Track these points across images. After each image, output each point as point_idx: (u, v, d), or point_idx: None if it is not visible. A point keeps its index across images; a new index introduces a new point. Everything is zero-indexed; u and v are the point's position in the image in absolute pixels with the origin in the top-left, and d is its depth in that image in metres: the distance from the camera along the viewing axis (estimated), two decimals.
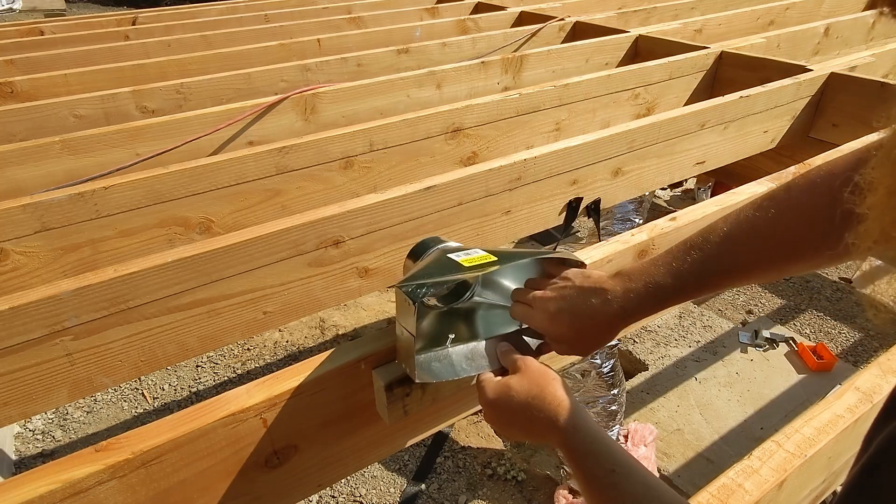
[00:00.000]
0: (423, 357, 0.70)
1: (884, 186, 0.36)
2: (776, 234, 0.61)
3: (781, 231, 0.61)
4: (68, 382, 0.90)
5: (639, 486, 0.52)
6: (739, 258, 0.63)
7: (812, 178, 0.61)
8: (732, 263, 0.63)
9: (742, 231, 0.62)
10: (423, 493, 2.32)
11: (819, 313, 3.24)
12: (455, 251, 0.74)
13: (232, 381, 2.86)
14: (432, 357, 0.71)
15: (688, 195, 4.26)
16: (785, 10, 2.69)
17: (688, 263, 0.62)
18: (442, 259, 0.73)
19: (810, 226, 0.59)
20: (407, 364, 0.68)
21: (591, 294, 0.65)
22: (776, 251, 0.62)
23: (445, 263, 0.71)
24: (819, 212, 0.58)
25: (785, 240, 0.61)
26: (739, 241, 0.62)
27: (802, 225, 0.60)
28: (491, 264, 0.69)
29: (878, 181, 0.36)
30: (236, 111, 1.50)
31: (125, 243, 1.15)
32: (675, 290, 0.63)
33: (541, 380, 0.61)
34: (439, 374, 0.69)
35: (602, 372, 2.13)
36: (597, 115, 1.74)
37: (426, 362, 0.70)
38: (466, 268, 0.68)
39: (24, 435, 2.60)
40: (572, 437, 0.57)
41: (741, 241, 0.62)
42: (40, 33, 2.67)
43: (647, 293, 0.63)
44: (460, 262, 0.70)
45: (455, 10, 2.94)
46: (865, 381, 0.79)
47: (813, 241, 0.59)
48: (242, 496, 0.70)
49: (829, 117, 1.73)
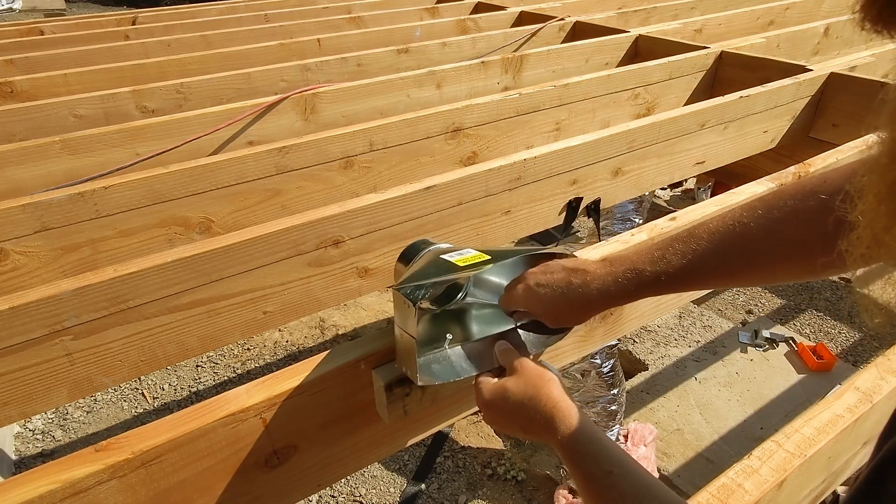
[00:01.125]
0: (422, 360, 0.70)
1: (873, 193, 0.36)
2: (762, 237, 0.61)
3: (767, 235, 0.61)
4: (68, 382, 0.90)
5: (636, 486, 0.52)
6: (722, 258, 0.63)
7: (804, 185, 0.61)
8: (714, 263, 0.63)
9: (728, 232, 0.62)
10: (423, 493, 2.32)
11: (819, 313, 3.24)
12: (446, 252, 0.74)
13: (232, 381, 2.86)
14: (431, 359, 0.71)
15: (688, 195, 4.26)
16: (785, 10, 2.69)
17: (669, 254, 0.63)
18: (436, 260, 0.73)
19: (798, 231, 0.59)
20: (408, 367, 0.68)
21: (573, 273, 0.67)
22: (760, 255, 0.62)
23: (440, 264, 0.71)
24: (809, 218, 0.58)
25: (770, 244, 0.61)
26: (724, 240, 0.62)
27: (790, 230, 0.60)
28: (485, 262, 0.69)
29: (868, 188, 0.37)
30: (236, 111, 1.50)
31: (125, 243, 1.15)
32: (654, 278, 0.63)
33: (537, 381, 0.62)
34: (440, 375, 0.69)
35: (602, 372, 2.13)
36: (597, 115, 1.74)
37: (426, 364, 0.70)
38: (461, 267, 0.69)
39: (24, 435, 2.60)
40: (569, 439, 0.57)
41: (725, 241, 0.62)
42: (40, 33, 2.67)
43: (627, 278, 0.64)
44: (454, 262, 0.70)
45: (455, 9, 2.94)
46: (865, 381, 0.79)
47: (800, 247, 0.59)
48: (242, 496, 0.70)
49: (829, 117, 1.73)
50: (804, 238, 0.59)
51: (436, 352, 0.72)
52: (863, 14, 0.34)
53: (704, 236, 0.63)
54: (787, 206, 0.60)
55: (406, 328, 0.65)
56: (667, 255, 0.63)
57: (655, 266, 0.63)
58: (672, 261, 0.63)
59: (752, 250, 0.62)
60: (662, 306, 1.06)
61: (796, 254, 0.60)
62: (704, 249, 0.62)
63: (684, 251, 0.63)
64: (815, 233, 0.58)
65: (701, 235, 0.63)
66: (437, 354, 0.72)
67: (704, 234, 0.63)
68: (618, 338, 2.41)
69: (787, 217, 0.60)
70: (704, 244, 0.62)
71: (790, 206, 0.60)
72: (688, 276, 0.63)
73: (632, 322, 0.98)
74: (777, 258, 0.61)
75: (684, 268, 0.62)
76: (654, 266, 0.63)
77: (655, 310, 1.02)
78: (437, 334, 0.73)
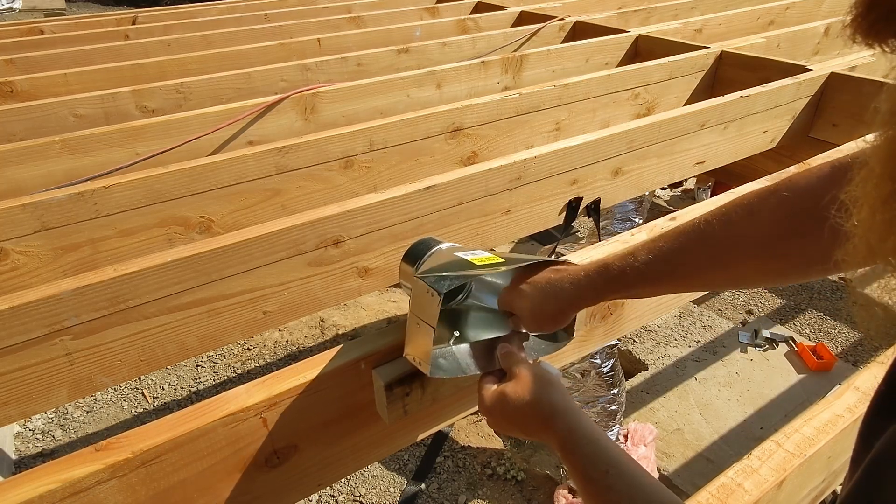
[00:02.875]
0: (434, 352, 0.70)
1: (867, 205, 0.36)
2: (722, 236, 0.61)
3: (727, 235, 0.61)
4: (68, 382, 0.90)
5: (632, 486, 0.53)
6: (685, 256, 0.64)
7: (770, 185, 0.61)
8: (679, 260, 0.64)
9: (693, 230, 0.63)
10: (422, 493, 2.32)
11: (819, 313, 3.24)
12: (457, 250, 0.75)
13: (232, 381, 2.86)
14: (438, 353, 0.72)
15: (688, 195, 4.26)
16: (785, 10, 2.70)
17: (638, 250, 0.65)
18: (454, 257, 0.74)
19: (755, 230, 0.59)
20: (421, 358, 0.68)
21: (553, 272, 0.69)
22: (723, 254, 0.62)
23: (458, 261, 0.72)
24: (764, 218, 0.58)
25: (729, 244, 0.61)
26: (689, 239, 0.63)
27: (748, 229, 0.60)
28: (499, 264, 0.70)
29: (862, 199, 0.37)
30: (236, 111, 1.50)
31: (125, 243, 1.15)
32: (619, 272, 0.65)
33: (535, 385, 0.63)
34: (448, 370, 0.70)
35: (602, 372, 2.13)
36: (597, 114, 1.74)
37: (434, 358, 0.70)
38: (478, 266, 0.69)
39: (23, 434, 2.60)
40: (567, 440, 0.58)
41: (690, 240, 0.63)
42: (40, 33, 2.67)
43: (596, 272, 0.66)
44: (471, 260, 0.70)
45: (455, 9, 2.94)
46: (865, 381, 0.80)
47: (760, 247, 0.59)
48: (242, 496, 0.70)
49: (828, 117, 1.73)
50: (761, 236, 0.59)
51: (442, 347, 0.73)
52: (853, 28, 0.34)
53: (672, 235, 0.64)
54: (748, 206, 0.61)
55: (426, 318, 0.66)
56: (636, 252, 0.65)
57: (623, 262, 0.65)
58: (639, 257, 0.64)
59: (713, 248, 0.62)
60: (662, 306, 1.06)
61: (758, 253, 0.60)
62: (670, 247, 0.64)
63: (651, 248, 0.64)
64: (772, 232, 0.58)
65: (669, 234, 0.65)
66: (444, 350, 0.73)
67: (672, 233, 0.65)
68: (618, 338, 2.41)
69: (744, 217, 0.61)
70: (671, 242, 0.64)
71: (750, 206, 0.61)
72: (654, 273, 0.64)
73: (632, 322, 0.98)
74: (739, 258, 0.62)
75: (650, 263, 0.64)
76: (621, 262, 0.65)
77: (655, 310, 1.02)
78: (444, 332, 0.74)
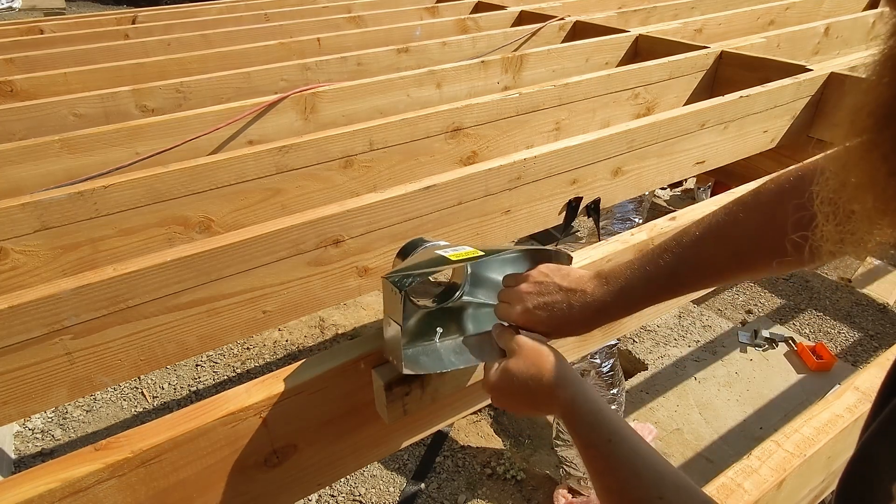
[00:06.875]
0: (411, 350, 0.72)
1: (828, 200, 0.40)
2: (741, 236, 0.65)
3: (745, 234, 0.65)
4: (68, 381, 0.90)
5: (634, 454, 0.56)
6: (707, 260, 0.67)
7: (780, 183, 0.65)
8: (700, 265, 0.67)
9: (711, 234, 0.66)
10: (422, 493, 2.32)
11: (819, 313, 3.24)
12: (443, 248, 0.76)
13: (231, 381, 2.86)
14: (420, 350, 0.73)
15: (688, 195, 4.26)
16: (785, 9, 2.69)
17: (660, 267, 0.67)
18: (429, 254, 0.75)
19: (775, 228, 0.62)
20: (394, 356, 0.69)
21: (570, 294, 0.69)
22: (743, 253, 0.66)
23: (432, 257, 0.73)
24: (785, 215, 0.61)
25: (749, 242, 0.65)
26: (707, 243, 0.66)
27: (767, 227, 0.63)
28: (477, 257, 0.70)
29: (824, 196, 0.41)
30: (236, 110, 1.49)
31: (125, 242, 1.15)
32: (646, 293, 0.68)
33: (536, 358, 0.64)
34: (427, 366, 0.71)
35: (601, 371, 2.13)
36: (597, 114, 1.74)
37: (414, 356, 0.71)
38: (452, 260, 0.70)
39: (23, 434, 2.60)
40: (571, 409, 0.61)
41: (709, 244, 0.66)
42: (40, 32, 2.67)
43: (621, 295, 0.68)
44: (447, 256, 0.71)
45: (455, 9, 2.94)
46: (865, 381, 0.80)
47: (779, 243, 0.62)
48: (242, 495, 0.70)
49: (828, 117, 1.73)
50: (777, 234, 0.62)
51: (426, 344, 0.73)
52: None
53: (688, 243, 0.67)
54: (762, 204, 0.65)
55: (393, 316, 0.67)
56: (657, 270, 0.67)
57: (647, 282, 0.67)
58: (662, 273, 0.67)
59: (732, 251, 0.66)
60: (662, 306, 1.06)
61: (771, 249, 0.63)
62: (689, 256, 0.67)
63: (674, 262, 0.67)
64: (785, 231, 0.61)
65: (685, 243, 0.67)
66: (427, 346, 0.73)
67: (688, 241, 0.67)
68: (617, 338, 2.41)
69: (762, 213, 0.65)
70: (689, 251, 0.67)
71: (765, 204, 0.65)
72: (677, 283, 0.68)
73: (631, 322, 0.99)
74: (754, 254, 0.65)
75: (673, 277, 0.67)
76: (646, 282, 0.67)
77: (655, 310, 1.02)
78: (430, 329, 0.74)
